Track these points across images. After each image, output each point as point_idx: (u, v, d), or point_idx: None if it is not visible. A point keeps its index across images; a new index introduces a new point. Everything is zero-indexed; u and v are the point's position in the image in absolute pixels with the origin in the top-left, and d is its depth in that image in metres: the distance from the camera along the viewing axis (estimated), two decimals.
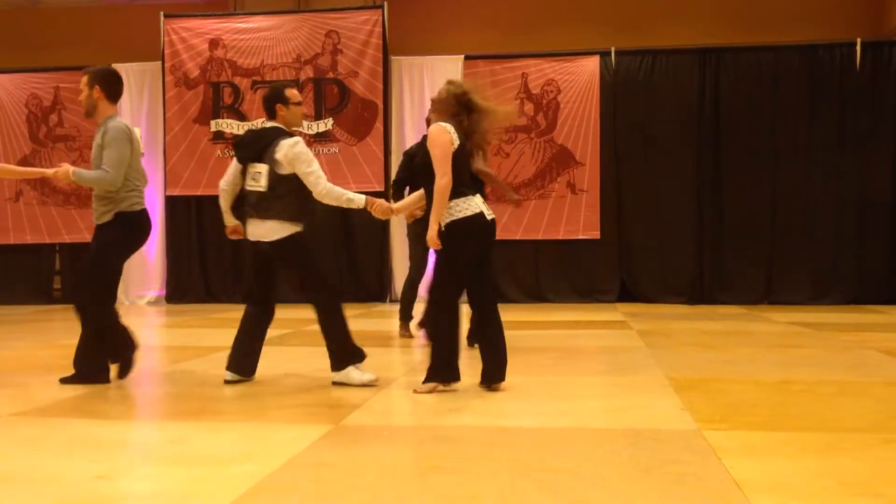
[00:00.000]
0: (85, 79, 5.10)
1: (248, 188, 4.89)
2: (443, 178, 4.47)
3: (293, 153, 4.77)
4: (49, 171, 5.09)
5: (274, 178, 4.79)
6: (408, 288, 7.37)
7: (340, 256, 11.65)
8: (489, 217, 4.64)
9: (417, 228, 6.63)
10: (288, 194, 4.81)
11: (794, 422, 3.96)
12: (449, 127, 4.56)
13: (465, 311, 5.06)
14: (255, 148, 4.87)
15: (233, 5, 12.14)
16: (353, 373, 4.89)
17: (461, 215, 4.53)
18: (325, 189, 4.79)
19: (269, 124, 4.94)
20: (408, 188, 6.61)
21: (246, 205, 4.92)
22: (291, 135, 4.90)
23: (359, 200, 4.81)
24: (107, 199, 4.98)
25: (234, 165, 5.04)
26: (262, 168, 4.81)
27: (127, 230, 5.02)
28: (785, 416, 4.10)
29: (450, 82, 4.78)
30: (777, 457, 3.29)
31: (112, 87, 5.12)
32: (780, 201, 11.03)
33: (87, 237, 6.03)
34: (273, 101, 4.91)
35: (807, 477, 3.02)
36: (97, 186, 4.95)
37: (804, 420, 4.00)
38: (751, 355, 6.26)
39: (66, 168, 4.94)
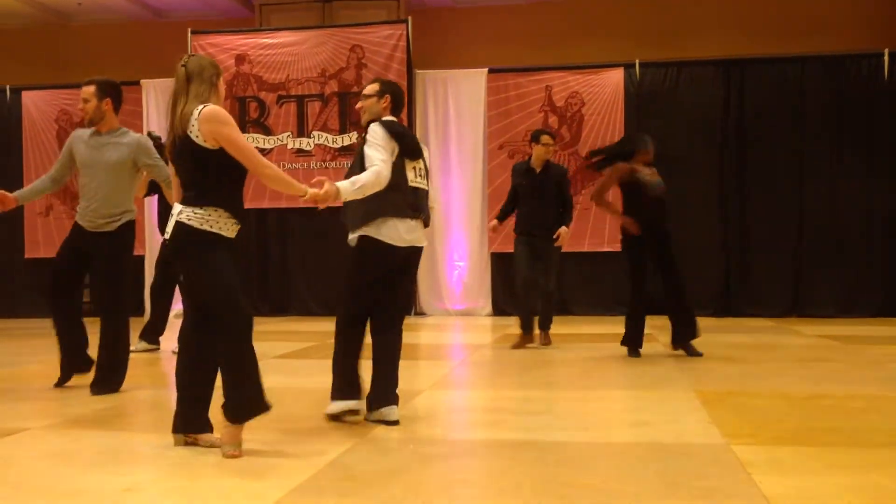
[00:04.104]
0: (93, 89, 5.31)
1: (415, 185, 4.30)
2: None
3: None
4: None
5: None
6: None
7: None
8: None
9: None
10: None
11: (824, 437, 3.91)
12: None
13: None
14: (416, 141, 4.40)
15: (258, 21, 12.26)
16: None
17: None
18: None
19: (390, 117, 4.37)
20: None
21: (406, 206, 4.22)
22: None
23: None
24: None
25: (396, 161, 4.22)
26: (423, 163, 4.39)
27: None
28: (814, 430, 4.05)
29: None
30: (806, 472, 3.25)
31: (119, 99, 5.43)
32: (807, 213, 10.93)
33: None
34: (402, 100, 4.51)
35: (836, 493, 2.98)
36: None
37: (833, 435, 3.95)
38: (779, 369, 6.19)
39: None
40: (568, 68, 11.46)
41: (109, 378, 5.23)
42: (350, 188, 3.98)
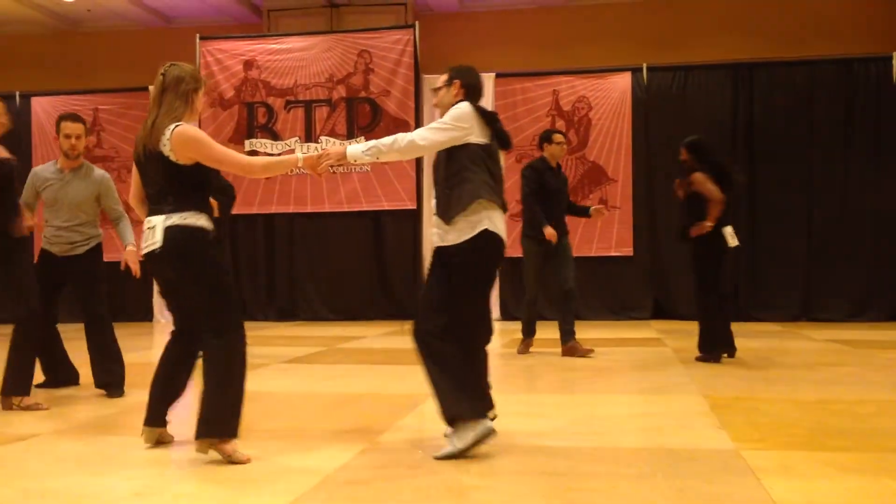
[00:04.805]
0: (82, 127, 5.39)
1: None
2: None
3: None
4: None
5: None
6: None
7: (371, 270, 11.73)
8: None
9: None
10: None
11: (834, 441, 3.89)
12: None
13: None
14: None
15: (267, 26, 12.31)
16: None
17: None
18: None
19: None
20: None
21: (500, 199, 3.85)
22: None
23: None
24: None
25: (492, 145, 3.89)
26: None
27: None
28: (824, 435, 4.03)
29: None
30: (817, 477, 3.24)
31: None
32: (816, 216, 10.90)
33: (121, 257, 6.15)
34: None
35: (847, 498, 2.97)
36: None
37: (844, 440, 3.93)
38: (788, 373, 6.17)
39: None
40: (575, 72, 11.46)
41: (121, 380, 5.36)
42: (358, 149, 3.76)
